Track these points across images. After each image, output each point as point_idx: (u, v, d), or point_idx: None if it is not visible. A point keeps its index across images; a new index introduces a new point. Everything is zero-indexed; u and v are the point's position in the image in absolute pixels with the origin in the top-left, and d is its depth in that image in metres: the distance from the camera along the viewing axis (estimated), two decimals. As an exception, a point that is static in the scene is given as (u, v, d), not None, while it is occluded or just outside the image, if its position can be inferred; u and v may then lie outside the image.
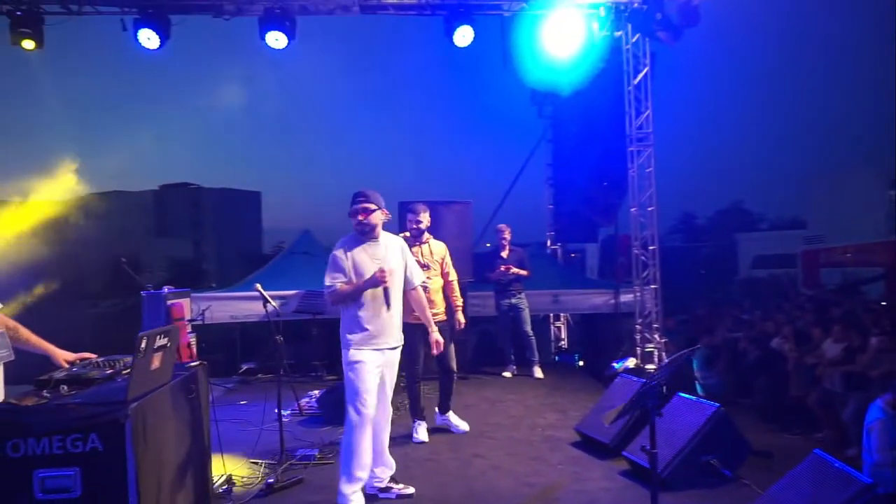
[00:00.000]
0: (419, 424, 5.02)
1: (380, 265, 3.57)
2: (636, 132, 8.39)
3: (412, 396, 5.05)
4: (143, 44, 7.66)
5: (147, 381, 2.50)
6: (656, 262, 8.39)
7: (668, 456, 3.90)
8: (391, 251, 3.75)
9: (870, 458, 4.56)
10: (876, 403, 4.81)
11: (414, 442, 4.89)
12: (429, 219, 5.16)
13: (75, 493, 2.29)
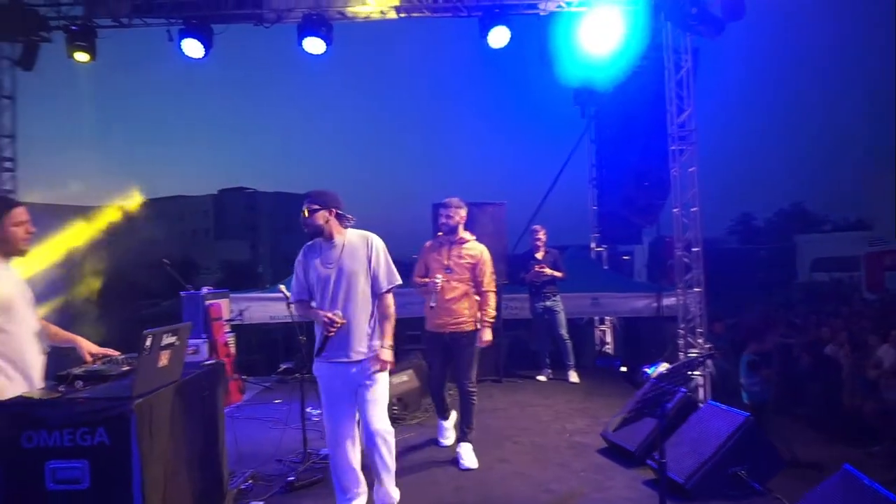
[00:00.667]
0: (444, 425, 4.89)
1: (331, 271, 3.35)
2: (678, 130, 8.12)
3: (433, 400, 4.97)
4: (187, 53, 7.94)
5: (155, 377, 2.57)
6: (700, 265, 8.10)
7: (693, 465, 3.75)
8: (348, 251, 3.40)
9: None
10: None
11: (440, 445, 4.83)
12: (463, 215, 4.62)
13: (84, 484, 2.38)
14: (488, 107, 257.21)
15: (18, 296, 2.77)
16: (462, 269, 4.47)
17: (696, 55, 8.11)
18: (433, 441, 4.94)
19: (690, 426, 4.13)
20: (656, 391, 2.62)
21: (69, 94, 30.65)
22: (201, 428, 3.00)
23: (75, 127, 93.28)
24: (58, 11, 8.07)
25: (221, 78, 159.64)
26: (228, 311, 6.94)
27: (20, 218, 2.82)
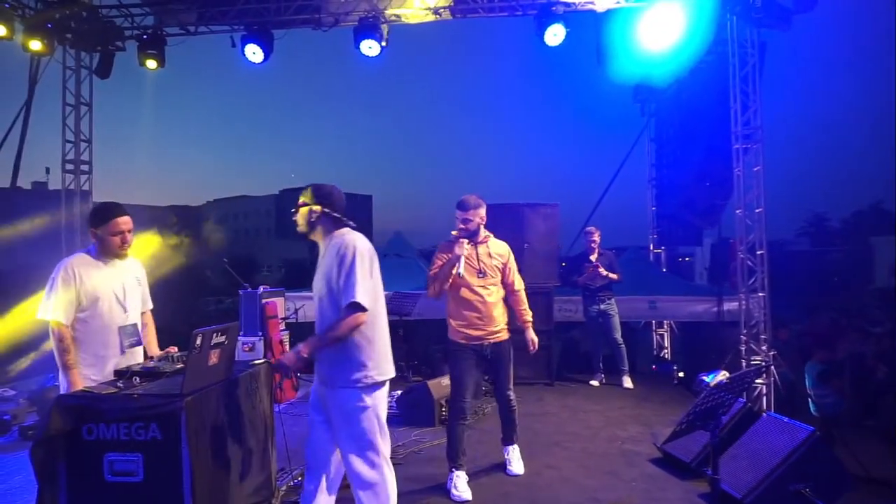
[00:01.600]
0: (456, 476, 4.00)
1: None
2: (742, 129, 7.79)
3: (451, 433, 4.10)
4: (249, 58, 8.20)
5: (204, 375, 2.65)
6: (764, 268, 7.74)
7: (752, 481, 3.58)
8: (321, 261, 3.05)
9: None
10: None
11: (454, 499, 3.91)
12: (483, 215, 4.06)
13: (138, 477, 2.48)
14: (544, 106, 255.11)
15: (108, 292, 3.12)
16: (495, 270, 4.05)
17: (762, 50, 7.76)
18: (479, 443, 4.89)
19: (750, 439, 3.94)
20: (712, 401, 2.50)
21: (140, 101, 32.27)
22: (250, 425, 3.08)
23: (145, 131, 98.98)
24: (131, 22, 8.49)
25: (282, 81, 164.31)
26: (284, 310, 7.11)
27: (119, 228, 3.16)
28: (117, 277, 3.18)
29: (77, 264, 3.07)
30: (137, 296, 3.31)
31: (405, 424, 5.47)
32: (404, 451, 4.73)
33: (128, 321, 3.18)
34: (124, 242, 3.17)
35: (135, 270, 3.34)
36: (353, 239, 2.88)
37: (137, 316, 3.31)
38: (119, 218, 3.15)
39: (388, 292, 8.06)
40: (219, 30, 8.45)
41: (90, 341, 3.03)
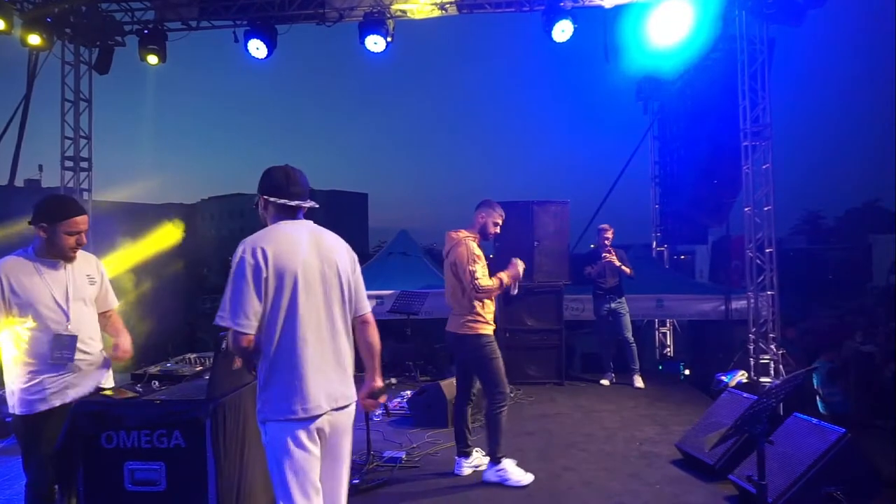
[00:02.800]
0: (464, 463, 4.27)
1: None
2: (751, 126, 7.73)
3: (457, 421, 4.37)
4: (252, 53, 8.07)
5: (229, 380, 2.55)
6: (773, 266, 7.69)
7: (783, 485, 3.49)
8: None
9: None
10: None
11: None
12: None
13: (161, 486, 2.37)
14: (551, 103, 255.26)
15: (45, 297, 2.75)
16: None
17: (772, 46, 7.69)
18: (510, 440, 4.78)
19: (777, 441, 3.85)
20: (758, 407, 2.42)
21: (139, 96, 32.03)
22: (272, 430, 2.98)
23: (144, 127, 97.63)
24: (132, 16, 8.35)
25: (282, 78, 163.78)
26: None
27: (77, 227, 2.81)
28: (60, 280, 2.80)
29: (7, 269, 2.74)
30: (88, 297, 2.91)
31: (418, 426, 5.37)
32: (419, 454, 4.63)
33: (68, 329, 2.75)
34: (79, 244, 2.84)
35: (87, 269, 2.95)
36: (249, 242, 2.34)
37: (89, 320, 2.88)
38: (78, 217, 2.81)
39: (395, 291, 8.02)
40: (221, 25, 8.32)
41: (39, 351, 2.69)
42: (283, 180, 2.43)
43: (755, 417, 2.39)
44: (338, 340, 2.35)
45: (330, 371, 2.29)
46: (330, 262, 2.40)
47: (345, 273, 2.44)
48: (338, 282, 2.40)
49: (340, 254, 2.47)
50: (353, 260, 2.55)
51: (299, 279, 2.28)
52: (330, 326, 2.34)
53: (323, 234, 2.48)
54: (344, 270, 2.44)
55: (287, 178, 2.44)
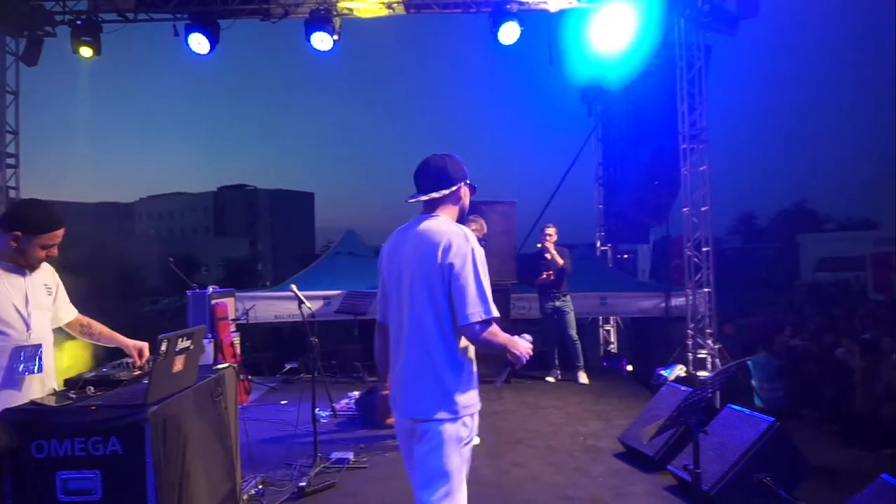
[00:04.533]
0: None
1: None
2: (689, 129, 8.04)
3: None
4: (193, 48, 7.84)
5: (169, 383, 2.47)
6: (710, 265, 8.01)
7: (717, 473, 3.65)
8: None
9: None
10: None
11: None
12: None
13: (96, 495, 2.28)
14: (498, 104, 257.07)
15: (5, 305, 2.56)
16: None
17: (708, 53, 8.02)
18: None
19: (712, 431, 4.00)
20: (693, 399, 2.52)
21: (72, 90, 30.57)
22: (215, 434, 2.91)
23: (77, 123, 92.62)
24: (63, 6, 7.97)
25: (224, 74, 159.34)
26: (234, 311, 6.84)
27: (52, 241, 2.64)
28: (19, 288, 2.61)
29: None
30: (46, 307, 2.74)
31: (366, 426, 5.34)
32: (368, 454, 4.61)
33: (29, 340, 2.58)
34: (48, 256, 2.68)
35: (43, 277, 2.75)
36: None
37: (46, 331, 2.72)
38: (59, 230, 2.64)
39: (342, 291, 7.94)
40: (160, 18, 8.05)
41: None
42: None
43: (690, 409, 2.48)
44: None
45: None
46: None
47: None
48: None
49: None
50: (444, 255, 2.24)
51: None
52: None
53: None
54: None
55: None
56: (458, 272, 2.18)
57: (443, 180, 2.35)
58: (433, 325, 2.22)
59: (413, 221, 2.37)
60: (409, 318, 2.26)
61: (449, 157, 2.42)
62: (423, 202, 2.38)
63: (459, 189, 2.39)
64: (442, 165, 2.37)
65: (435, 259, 2.20)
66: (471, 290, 2.17)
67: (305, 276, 8.93)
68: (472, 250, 2.21)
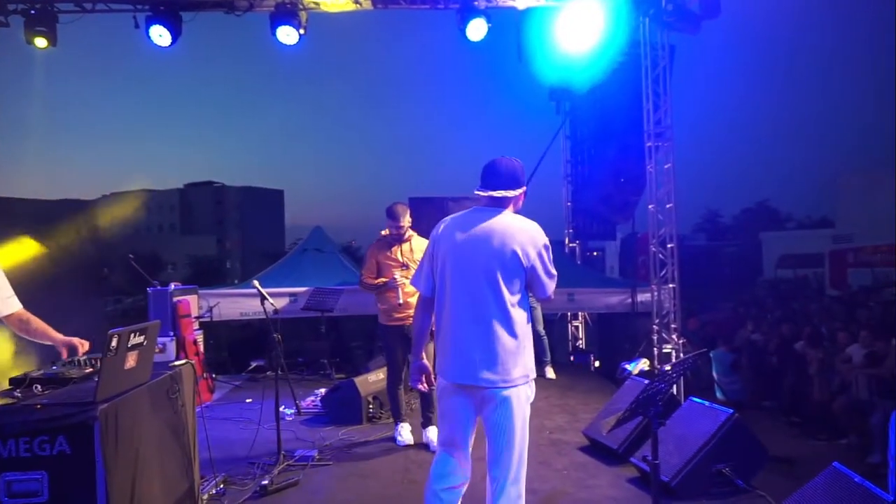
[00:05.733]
0: (400, 426, 4.79)
1: None
2: (654, 127, 8.14)
3: (392, 399, 4.85)
4: (154, 41, 7.64)
5: (120, 381, 2.40)
6: (675, 261, 8.14)
7: (678, 464, 3.71)
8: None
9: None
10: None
11: (399, 445, 4.69)
12: (409, 218, 4.72)
13: (42, 497, 2.20)
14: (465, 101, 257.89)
15: None
16: (415, 263, 4.54)
17: (672, 52, 8.14)
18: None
19: (673, 424, 4.09)
20: (651, 390, 2.55)
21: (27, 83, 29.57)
22: (171, 432, 2.84)
23: (32, 118, 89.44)
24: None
25: (188, 68, 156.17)
26: (197, 308, 6.71)
27: None
28: None
29: None
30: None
31: (331, 423, 5.29)
32: (333, 451, 4.56)
33: None
34: None
35: None
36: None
37: None
38: None
39: (309, 288, 7.86)
40: (119, 8, 7.81)
41: None
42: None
43: (649, 400, 2.51)
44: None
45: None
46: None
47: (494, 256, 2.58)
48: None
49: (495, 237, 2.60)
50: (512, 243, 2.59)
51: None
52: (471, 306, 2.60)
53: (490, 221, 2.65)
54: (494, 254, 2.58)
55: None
56: (535, 259, 2.59)
57: (513, 181, 2.68)
58: (505, 301, 2.56)
59: (477, 213, 2.68)
60: (480, 295, 2.57)
61: (518, 161, 2.76)
62: (486, 197, 2.68)
63: (525, 192, 2.75)
64: (514, 168, 2.71)
65: (520, 252, 2.56)
66: (545, 273, 2.64)
67: (272, 273, 8.81)
68: (545, 244, 2.65)
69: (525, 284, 2.62)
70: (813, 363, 8.00)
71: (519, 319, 2.60)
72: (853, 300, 11.88)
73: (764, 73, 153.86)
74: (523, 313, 2.63)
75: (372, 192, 39.20)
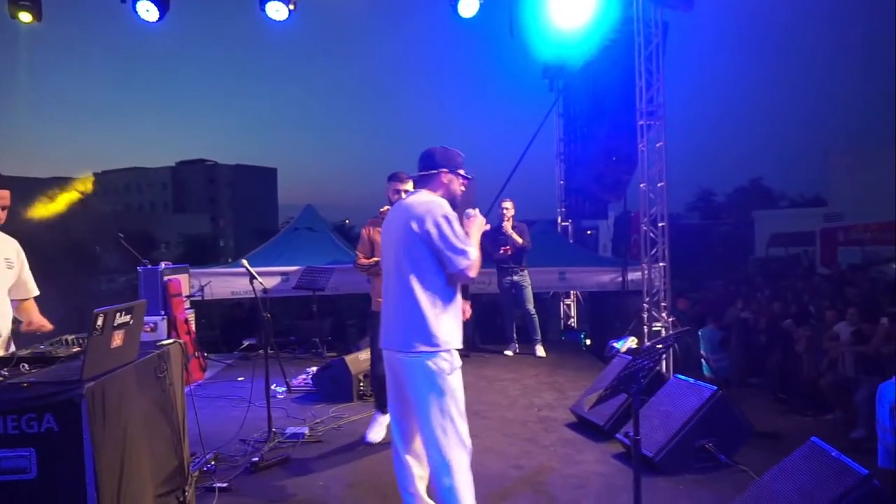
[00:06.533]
0: (379, 418, 4.39)
1: None
2: (646, 106, 8.13)
3: (377, 387, 4.41)
4: (142, 16, 7.53)
5: (106, 359, 2.41)
6: (665, 240, 8.18)
7: (662, 440, 3.78)
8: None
9: (892, 438, 4.40)
10: (893, 382, 4.64)
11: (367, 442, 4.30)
12: (410, 189, 4.23)
13: (31, 474, 2.22)
14: (457, 79, 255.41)
15: None
16: None
17: (665, 29, 8.08)
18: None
19: (659, 400, 4.16)
20: (633, 367, 2.58)
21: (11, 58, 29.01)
22: (160, 410, 2.86)
23: (17, 93, 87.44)
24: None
25: (179, 44, 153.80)
26: (188, 287, 6.71)
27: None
28: None
29: None
30: (6, 282, 2.73)
31: (322, 401, 5.34)
32: (323, 429, 4.61)
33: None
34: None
35: (5, 251, 2.72)
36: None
37: (6, 307, 2.71)
38: (4, 192, 2.62)
39: (300, 266, 7.86)
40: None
41: None
42: None
43: (631, 378, 2.55)
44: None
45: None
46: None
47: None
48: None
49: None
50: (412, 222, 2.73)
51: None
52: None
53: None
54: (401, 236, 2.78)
55: None
56: (431, 228, 2.67)
57: (428, 165, 2.89)
58: (406, 274, 2.72)
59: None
60: (391, 269, 2.82)
61: (443, 148, 2.93)
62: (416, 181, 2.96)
63: (441, 174, 2.86)
64: (432, 153, 2.91)
65: (415, 225, 2.68)
66: (447, 247, 2.67)
67: (263, 252, 8.80)
68: (443, 215, 2.68)
69: (433, 258, 2.70)
70: (801, 341, 8.09)
71: (419, 291, 2.68)
72: (842, 278, 11.97)
73: (759, 51, 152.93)
74: (426, 285, 2.70)
75: (365, 170, 38.46)
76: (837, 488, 2.53)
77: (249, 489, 3.61)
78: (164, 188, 67.07)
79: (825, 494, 2.55)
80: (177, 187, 67.12)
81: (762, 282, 12.96)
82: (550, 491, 3.56)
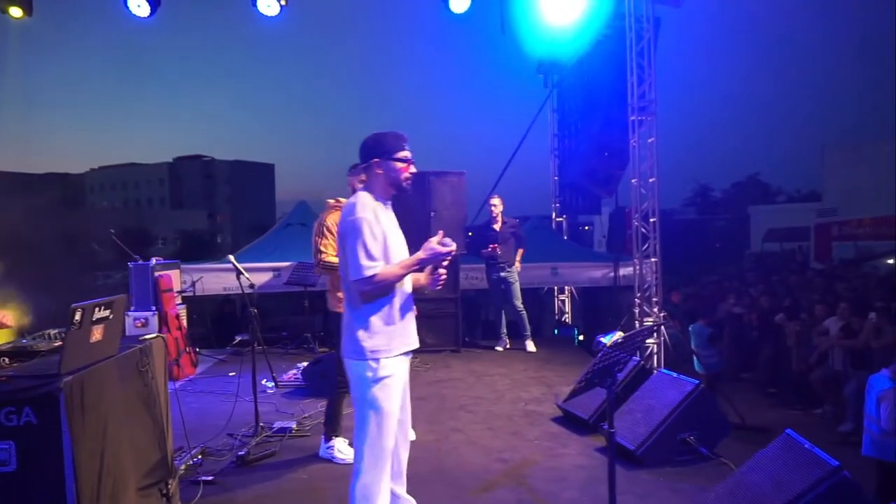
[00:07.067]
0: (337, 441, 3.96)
1: None
2: (638, 101, 8.12)
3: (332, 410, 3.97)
4: (133, 11, 7.53)
5: (85, 353, 2.44)
6: (657, 235, 8.20)
7: (644, 433, 3.82)
8: None
9: (877, 427, 4.45)
10: (882, 374, 4.69)
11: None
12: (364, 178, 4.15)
13: (10, 466, 2.25)
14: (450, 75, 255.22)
15: None
16: None
17: (657, 25, 8.08)
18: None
19: (643, 394, 4.20)
20: (608, 360, 2.61)
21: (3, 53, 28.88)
22: (142, 404, 2.89)
23: (9, 89, 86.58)
24: (-13, -38, 7.53)
25: (172, 40, 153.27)
26: (179, 283, 6.74)
27: None
28: None
29: None
30: None
31: (311, 396, 5.37)
32: (311, 423, 4.65)
33: None
34: None
35: None
36: None
37: None
38: None
39: (292, 262, 7.88)
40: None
41: None
42: None
43: (605, 370, 2.58)
44: None
45: None
46: None
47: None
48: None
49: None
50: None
51: None
52: None
53: None
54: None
55: None
56: (343, 241, 2.61)
57: (361, 157, 2.72)
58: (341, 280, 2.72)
59: None
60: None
61: (374, 135, 2.71)
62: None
63: (370, 166, 2.67)
64: (363, 143, 2.71)
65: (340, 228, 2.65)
66: (350, 255, 2.56)
67: (256, 248, 8.83)
68: (353, 221, 2.56)
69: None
70: (791, 335, 8.14)
71: (346, 296, 2.68)
72: (833, 273, 12.02)
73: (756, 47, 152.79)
74: (349, 293, 2.64)
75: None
76: (808, 478, 2.57)
77: (235, 483, 3.64)
78: (161, 184, 66.99)
79: (796, 484, 2.59)
80: (174, 183, 67.03)
81: (755, 277, 12.99)
82: (532, 483, 3.60)
